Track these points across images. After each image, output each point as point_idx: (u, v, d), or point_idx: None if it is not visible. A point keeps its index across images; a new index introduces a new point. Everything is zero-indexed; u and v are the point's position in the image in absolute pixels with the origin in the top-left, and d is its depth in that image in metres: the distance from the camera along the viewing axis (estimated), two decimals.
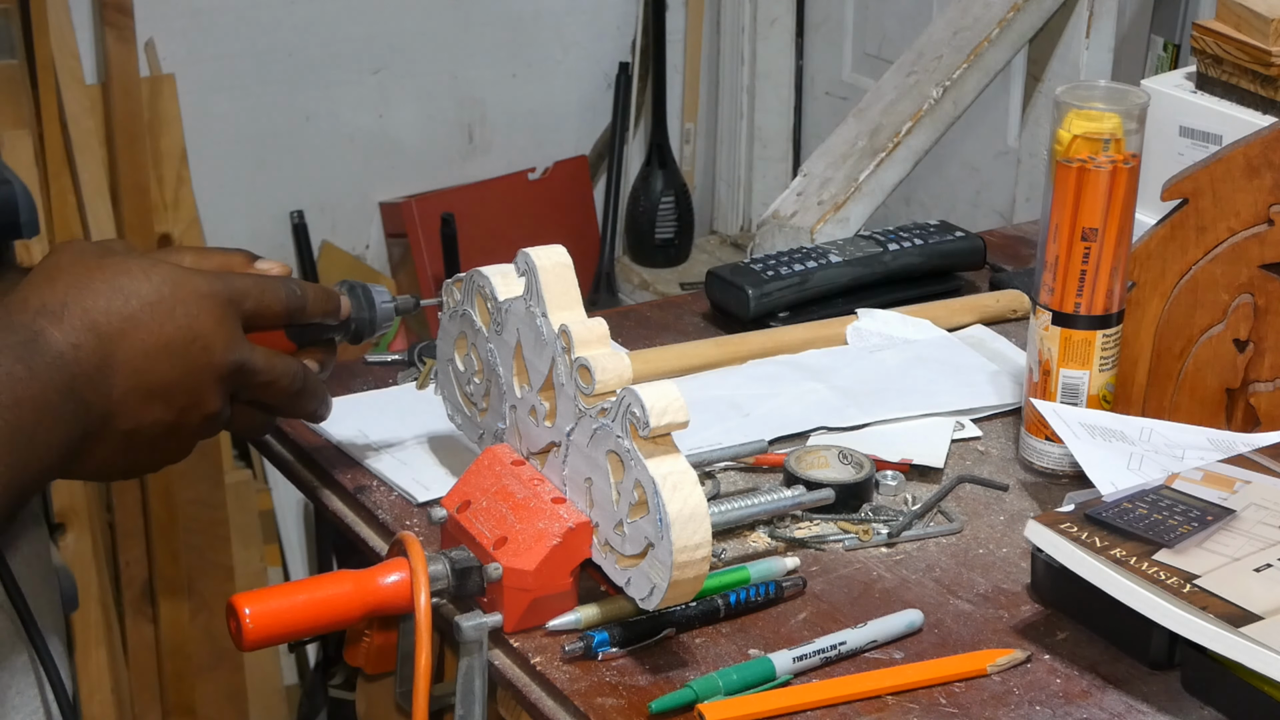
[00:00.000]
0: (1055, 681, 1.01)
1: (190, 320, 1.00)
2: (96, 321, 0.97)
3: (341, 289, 1.12)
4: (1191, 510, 1.05)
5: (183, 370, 1.00)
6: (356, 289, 1.12)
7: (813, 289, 1.45)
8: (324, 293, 1.09)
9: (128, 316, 0.98)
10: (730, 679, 0.98)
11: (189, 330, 1.00)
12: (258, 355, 1.04)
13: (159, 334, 0.99)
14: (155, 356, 0.99)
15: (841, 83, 3.08)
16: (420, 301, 1.17)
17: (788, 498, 1.14)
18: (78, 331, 0.97)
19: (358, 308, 1.12)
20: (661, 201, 3.09)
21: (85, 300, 0.98)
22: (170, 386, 1.00)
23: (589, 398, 1.01)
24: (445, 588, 1.03)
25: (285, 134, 2.81)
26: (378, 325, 1.13)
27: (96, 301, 0.98)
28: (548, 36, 3.03)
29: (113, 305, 0.98)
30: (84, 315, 0.97)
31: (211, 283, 1.02)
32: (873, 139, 1.95)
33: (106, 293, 0.98)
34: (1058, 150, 1.16)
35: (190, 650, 2.59)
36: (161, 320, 0.99)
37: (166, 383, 1.00)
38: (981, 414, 1.30)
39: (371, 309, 1.12)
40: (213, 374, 1.01)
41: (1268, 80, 1.42)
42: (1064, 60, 2.12)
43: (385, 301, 1.13)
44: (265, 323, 1.05)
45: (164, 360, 0.99)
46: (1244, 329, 1.23)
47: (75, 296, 0.97)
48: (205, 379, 1.01)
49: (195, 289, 1.01)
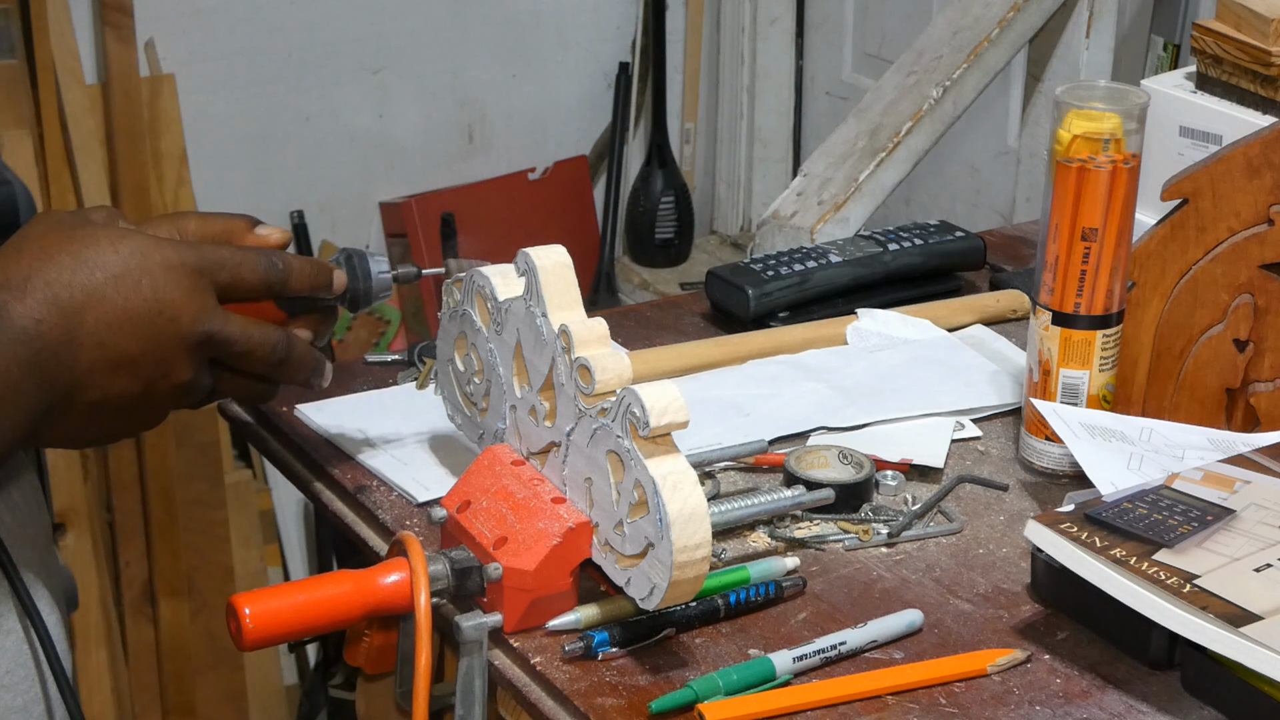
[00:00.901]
0: (1055, 681, 1.01)
1: (156, 291, 0.99)
2: (59, 295, 0.97)
3: (339, 259, 1.11)
4: (1191, 510, 1.05)
5: (149, 341, 1.00)
6: (353, 258, 1.12)
7: (813, 289, 1.45)
8: (313, 267, 1.08)
9: (91, 289, 0.98)
10: (730, 679, 0.98)
11: (155, 301, 0.99)
12: (232, 325, 1.03)
13: (124, 306, 0.99)
14: (120, 328, 0.99)
15: (841, 83, 3.08)
16: (422, 271, 1.16)
17: (788, 498, 1.14)
18: (40, 305, 0.96)
19: (353, 278, 1.11)
20: (661, 201, 3.09)
21: (48, 273, 0.97)
22: (136, 358, 0.99)
23: (589, 398, 1.01)
24: (445, 588, 1.03)
25: (285, 134, 2.81)
26: (374, 296, 1.12)
27: (60, 275, 0.97)
28: (548, 36, 3.03)
29: (76, 278, 0.98)
30: (46, 289, 0.97)
31: (181, 253, 1.01)
32: (873, 139, 1.95)
33: (71, 265, 0.98)
34: (1058, 150, 1.16)
35: (190, 650, 2.59)
36: (127, 292, 0.99)
37: (132, 354, 0.99)
38: (981, 414, 1.30)
39: (367, 279, 1.11)
40: (180, 344, 1.01)
41: (1268, 80, 1.42)
42: (1064, 60, 2.12)
43: (382, 271, 1.12)
44: (242, 294, 1.04)
45: (129, 332, 0.99)
46: (1244, 329, 1.23)
47: (38, 270, 0.97)
48: (173, 349, 1.01)
49: (164, 259, 1.00)
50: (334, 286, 1.09)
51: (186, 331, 1.01)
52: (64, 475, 2.37)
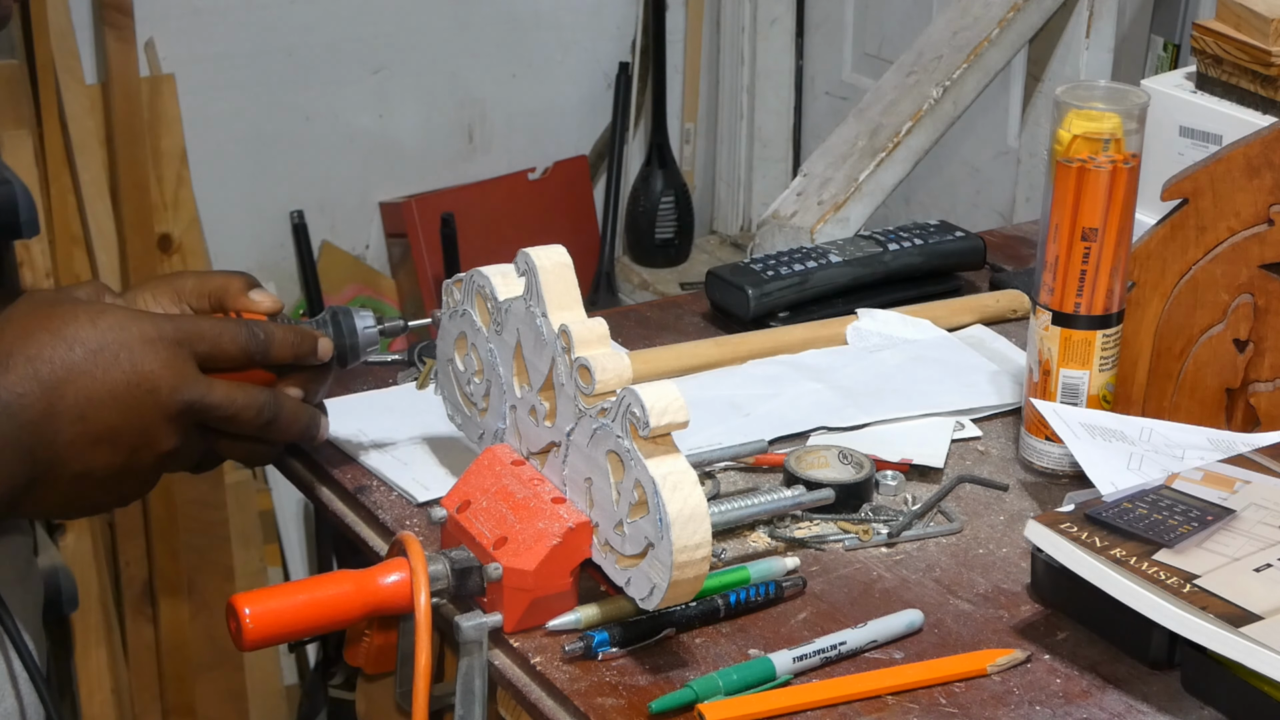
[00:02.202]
0: (1055, 681, 1.01)
1: (134, 364, 1.02)
2: (40, 370, 1.00)
3: (324, 318, 1.14)
4: (1191, 510, 1.05)
5: (129, 414, 1.02)
6: (339, 316, 1.15)
7: (813, 289, 1.45)
8: (297, 335, 1.11)
9: (71, 364, 1.00)
10: (730, 679, 0.98)
11: (133, 374, 1.02)
12: (215, 391, 1.06)
13: (103, 380, 1.01)
14: (100, 402, 1.01)
15: (841, 83, 3.08)
16: (408, 324, 1.19)
17: (788, 498, 1.14)
18: (22, 380, 0.99)
19: (339, 335, 1.14)
20: (661, 201, 3.09)
21: (29, 349, 1.00)
22: (117, 430, 1.02)
23: (589, 398, 1.01)
24: (445, 588, 1.03)
25: (285, 134, 2.81)
26: (360, 352, 1.15)
27: (41, 350, 1.00)
28: (548, 36, 3.03)
29: (56, 354, 1.00)
30: (28, 364, 0.99)
31: (160, 326, 1.04)
32: (873, 139, 1.95)
33: (50, 342, 1.01)
34: (1058, 150, 1.16)
35: (190, 650, 2.59)
36: (106, 366, 1.01)
37: (113, 426, 1.02)
38: (981, 414, 1.30)
39: (354, 335, 1.14)
40: (161, 414, 1.03)
41: (1268, 80, 1.42)
42: (1064, 60, 2.12)
43: (368, 327, 1.15)
44: (224, 365, 1.07)
45: (109, 405, 1.02)
46: (1244, 329, 1.23)
47: (20, 346, 1.00)
48: (153, 420, 1.03)
49: (141, 333, 1.03)
50: (319, 353, 1.12)
51: (166, 401, 1.03)
52: None
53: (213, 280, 1.12)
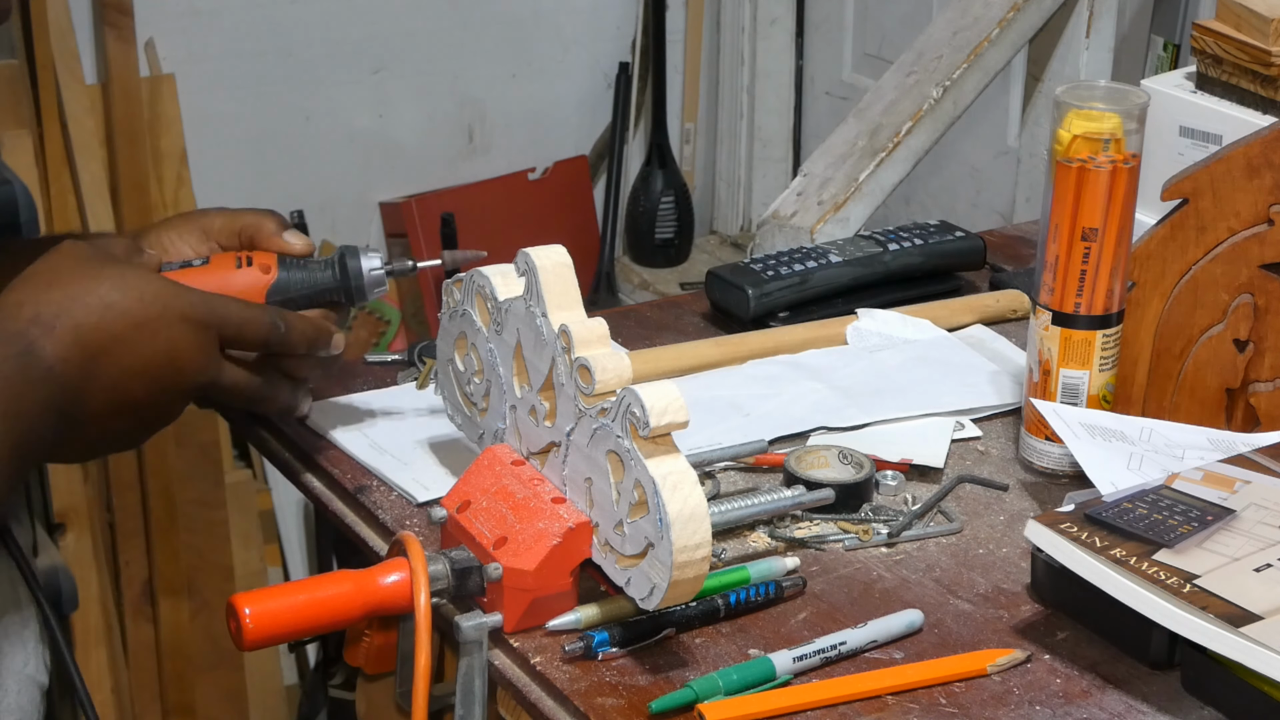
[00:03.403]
0: (1055, 681, 1.01)
1: (170, 342, 1.05)
2: (84, 337, 1.01)
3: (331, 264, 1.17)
4: (1191, 510, 1.05)
5: (153, 387, 1.05)
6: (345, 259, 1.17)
7: (813, 289, 1.45)
8: (314, 329, 1.14)
9: (114, 335, 1.02)
10: (730, 679, 0.98)
11: (167, 351, 1.05)
12: (225, 375, 1.10)
13: (139, 354, 1.04)
14: (133, 374, 1.04)
15: (841, 83, 3.08)
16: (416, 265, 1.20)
17: (788, 498, 1.14)
18: (67, 346, 1.00)
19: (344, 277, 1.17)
20: (661, 201, 3.09)
21: (76, 314, 1.01)
22: (140, 405, 1.06)
23: (589, 398, 1.01)
24: (445, 588, 1.03)
25: (285, 134, 2.81)
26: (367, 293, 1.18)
27: (87, 317, 1.01)
28: (548, 36, 3.03)
29: (103, 322, 1.02)
30: (74, 331, 1.01)
31: (197, 306, 1.06)
32: (873, 139, 1.95)
33: (99, 308, 1.02)
34: (1058, 150, 1.16)
35: (190, 650, 2.59)
36: (145, 341, 1.04)
37: (137, 401, 1.05)
38: (981, 414, 1.30)
39: (359, 277, 1.17)
40: (180, 393, 1.08)
41: (1268, 80, 1.42)
42: (1064, 60, 2.12)
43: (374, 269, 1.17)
44: (242, 348, 1.11)
45: (139, 378, 1.04)
46: (1244, 329, 1.23)
47: (67, 308, 1.01)
48: (173, 397, 1.08)
49: (181, 311, 1.05)
50: (332, 348, 1.16)
51: (188, 383, 1.07)
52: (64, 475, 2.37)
53: (243, 218, 1.14)
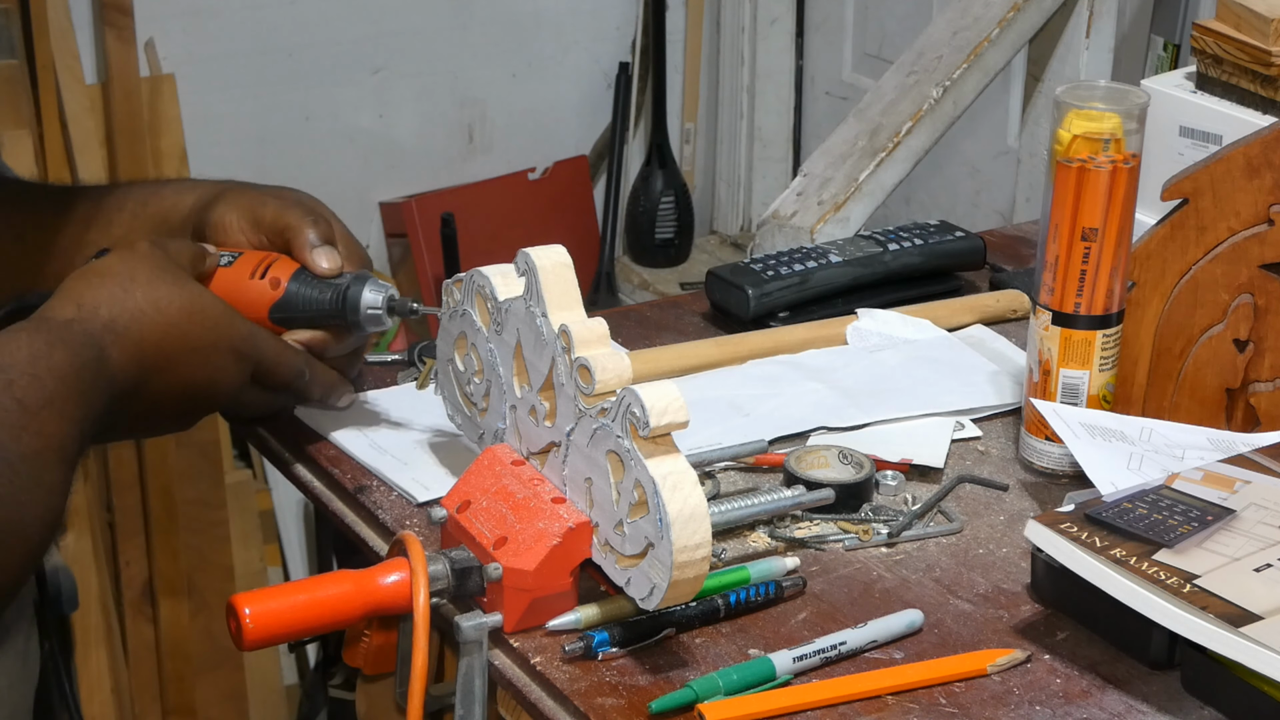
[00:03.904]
0: (1055, 681, 1.01)
1: (214, 370, 1.11)
2: (145, 353, 1.07)
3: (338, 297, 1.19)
4: (1191, 510, 1.05)
5: (187, 408, 1.13)
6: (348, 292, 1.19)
7: (813, 289, 1.45)
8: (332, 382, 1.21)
9: (170, 356, 1.09)
10: (730, 679, 0.98)
11: (209, 378, 1.12)
12: (246, 396, 1.17)
13: (186, 376, 1.10)
14: (175, 394, 1.10)
15: (841, 83, 3.08)
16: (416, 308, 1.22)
17: (788, 498, 1.14)
18: (129, 358, 1.06)
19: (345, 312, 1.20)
20: (661, 201, 3.09)
21: (144, 329, 1.07)
22: (169, 416, 1.13)
23: (589, 398, 1.01)
24: (445, 588, 1.03)
25: (285, 134, 2.81)
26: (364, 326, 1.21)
27: (152, 334, 1.08)
28: (548, 36, 3.03)
29: (164, 341, 1.08)
30: (138, 345, 1.07)
31: (246, 340, 1.13)
32: (873, 139, 1.95)
33: (164, 327, 1.08)
34: (1058, 150, 1.16)
35: (190, 650, 2.59)
36: (196, 365, 1.10)
37: (169, 414, 1.13)
38: (981, 414, 1.30)
39: (355, 313, 1.20)
40: (207, 411, 1.16)
41: (1268, 80, 1.42)
42: (1064, 60, 2.12)
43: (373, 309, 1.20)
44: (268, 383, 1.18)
45: (179, 397, 1.11)
46: (1244, 329, 1.23)
47: (137, 320, 1.07)
48: (200, 415, 1.16)
49: (232, 343, 1.12)
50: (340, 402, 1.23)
51: (217, 405, 1.16)
52: None
53: (289, 217, 1.19)
